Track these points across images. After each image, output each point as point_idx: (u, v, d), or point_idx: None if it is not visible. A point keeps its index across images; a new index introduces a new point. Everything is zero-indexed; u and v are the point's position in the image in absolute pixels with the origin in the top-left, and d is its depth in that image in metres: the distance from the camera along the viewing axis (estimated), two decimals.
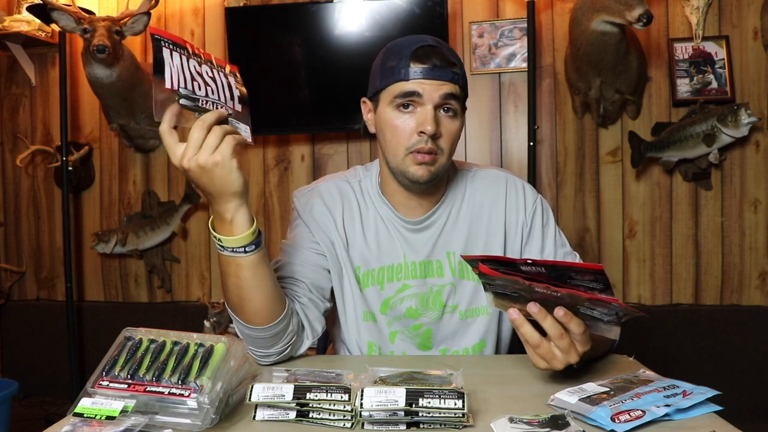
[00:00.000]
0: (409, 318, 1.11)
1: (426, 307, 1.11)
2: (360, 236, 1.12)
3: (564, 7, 2.50)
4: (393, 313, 1.11)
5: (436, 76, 0.99)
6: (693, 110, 2.34)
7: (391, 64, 1.01)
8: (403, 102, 1.01)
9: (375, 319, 1.12)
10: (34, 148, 2.83)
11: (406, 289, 1.11)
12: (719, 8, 2.43)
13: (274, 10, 2.56)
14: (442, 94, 0.99)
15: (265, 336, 0.96)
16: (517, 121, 2.57)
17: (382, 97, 1.04)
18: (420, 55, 1.00)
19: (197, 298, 2.78)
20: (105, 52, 2.23)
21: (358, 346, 1.13)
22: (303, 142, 2.69)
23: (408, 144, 1.01)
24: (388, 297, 1.11)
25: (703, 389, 0.76)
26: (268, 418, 0.75)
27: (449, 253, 1.11)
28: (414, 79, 0.99)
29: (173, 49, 0.78)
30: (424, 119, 0.99)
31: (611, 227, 2.54)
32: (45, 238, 2.93)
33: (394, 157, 1.04)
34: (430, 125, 0.98)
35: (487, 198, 1.14)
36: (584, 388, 0.77)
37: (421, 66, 0.99)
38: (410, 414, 0.70)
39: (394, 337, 1.12)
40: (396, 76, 1.00)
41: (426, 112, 0.99)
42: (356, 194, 1.15)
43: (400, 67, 1.00)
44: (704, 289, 2.50)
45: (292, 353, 1.03)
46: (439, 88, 0.99)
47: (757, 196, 2.45)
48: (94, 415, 0.70)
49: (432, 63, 0.99)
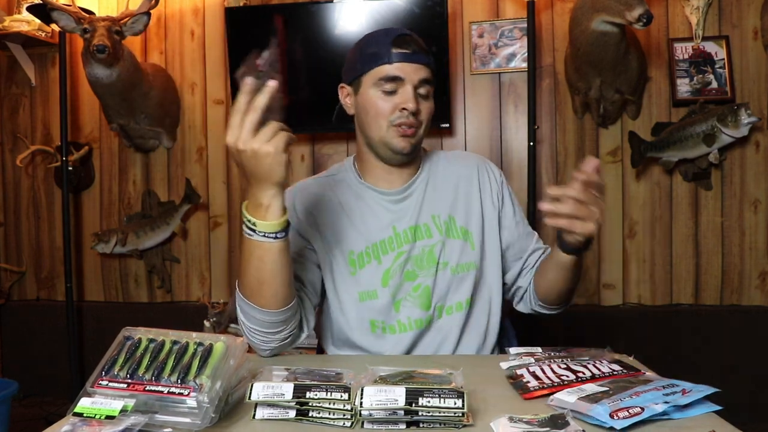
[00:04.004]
0: (408, 281, 1.18)
1: (421, 266, 1.18)
2: (346, 222, 1.19)
3: (564, 7, 2.50)
4: (394, 282, 1.16)
5: (415, 59, 1.12)
6: (693, 110, 2.34)
7: (373, 50, 1.13)
8: (386, 83, 1.12)
9: (376, 296, 1.17)
10: (34, 148, 2.83)
11: (402, 255, 1.17)
12: (719, 8, 2.43)
13: (274, 10, 2.56)
14: (421, 77, 1.12)
15: (276, 320, 1.02)
16: (517, 121, 2.57)
17: (364, 80, 1.15)
18: (400, 42, 1.12)
19: (197, 298, 2.78)
20: (105, 52, 2.23)
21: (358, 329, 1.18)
22: (303, 142, 2.69)
23: (391, 118, 1.12)
24: (387, 268, 1.17)
25: (702, 387, 0.76)
26: (268, 417, 0.75)
27: (434, 216, 1.21)
28: (397, 62, 1.11)
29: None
30: (407, 98, 1.11)
31: (611, 227, 2.54)
32: (45, 238, 2.93)
33: (377, 129, 1.14)
34: (411, 103, 1.10)
35: (463, 169, 1.26)
36: (584, 388, 0.77)
37: (402, 51, 1.11)
38: (410, 413, 0.70)
39: (399, 306, 1.17)
40: (379, 60, 1.12)
41: (407, 92, 1.11)
42: (335, 187, 1.24)
43: (383, 53, 1.12)
44: (704, 289, 2.50)
45: (290, 344, 1.10)
46: (418, 71, 1.12)
47: (757, 196, 2.45)
48: (94, 414, 0.70)
49: (411, 49, 1.12)
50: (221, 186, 2.77)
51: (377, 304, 1.16)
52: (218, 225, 2.78)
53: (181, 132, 2.78)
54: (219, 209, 2.78)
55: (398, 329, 1.17)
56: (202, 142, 2.77)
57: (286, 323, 1.04)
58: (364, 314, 1.17)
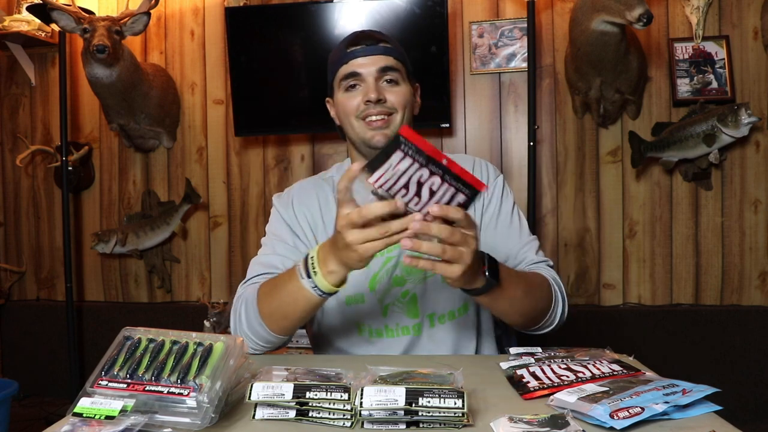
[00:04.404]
0: (396, 286, 1.16)
1: (409, 272, 1.16)
2: None
3: (564, 7, 2.50)
4: (381, 287, 1.16)
5: (368, 52, 1.13)
6: (693, 110, 2.34)
7: (334, 57, 1.17)
8: (348, 83, 1.14)
9: (363, 300, 1.16)
10: (34, 148, 2.83)
11: (390, 261, 1.16)
12: (719, 8, 2.43)
13: (274, 10, 2.56)
14: (378, 67, 1.13)
15: (276, 341, 1.08)
16: (517, 121, 2.57)
17: (334, 88, 1.18)
18: (354, 41, 1.15)
19: (197, 298, 2.78)
20: (105, 52, 2.23)
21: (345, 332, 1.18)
22: (303, 142, 2.69)
23: (357, 112, 1.14)
24: (375, 272, 1.16)
25: (702, 387, 0.76)
26: (268, 417, 0.75)
27: None
28: (350, 60, 1.13)
29: (408, 155, 0.76)
30: (367, 89, 1.12)
31: (611, 227, 2.54)
32: (45, 238, 2.93)
33: (351, 128, 1.16)
34: (372, 93, 1.11)
35: None
36: (584, 388, 0.77)
37: (355, 48, 1.14)
38: (410, 413, 0.70)
39: (387, 311, 1.16)
40: (338, 63, 1.15)
41: (367, 85, 1.12)
42: (331, 188, 1.23)
43: (341, 56, 1.15)
44: (704, 289, 2.50)
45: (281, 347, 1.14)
46: (376, 61, 1.13)
47: (757, 196, 2.45)
48: (94, 414, 0.70)
49: (363, 43, 1.14)
50: (221, 186, 2.77)
51: (364, 308, 1.16)
52: (218, 225, 2.78)
53: (181, 132, 2.78)
54: (219, 209, 2.78)
55: (386, 334, 1.16)
56: (202, 142, 2.77)
57: (284, 343, 1.10)
58: (351, 318, 1.17)
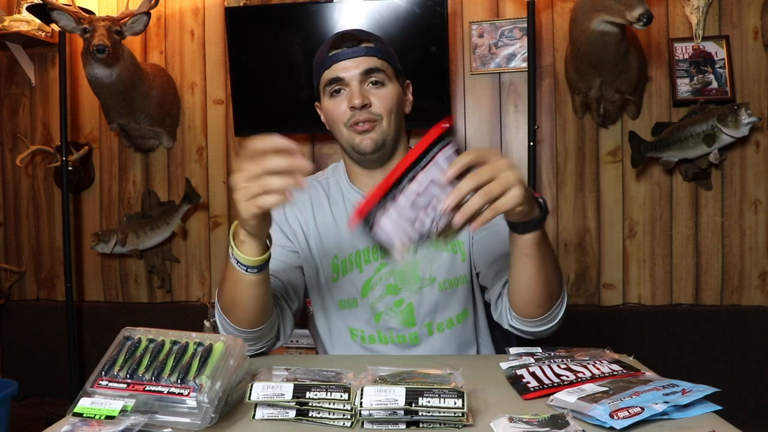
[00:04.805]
0: (390, 295, 1.14)
1: (404, 281, 1.14)
2: (332, 227, 1.17)
3: (564, 7, 2.49)
4: (374, 293, 1.14)
5: (350, 55, 1.09)
6: (693, 110, 2.34)
7: (317, 61, 1.14)
8: (332, 88, 1.11)
9: (356, 304, 1.15)
10: (34, 148, 2.83)
11: (384, 267, 1.14)
12: (719, 8, 2.43)
13: (274, 10, 2.56)
14: (362, 70, 1.09)
15: (248, 337, 1.01)
16: (517, 121, 2.57)
17: (320, 92, 1.15)
18: (336, 44, 1.11)
19: (197, 298, 2.78)
20: (105, 52, 2.23)
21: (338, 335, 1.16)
22: (303, 142, 2.69)
23: (344, 119, 1.10)
24: (368, 278, 1.14)
25: (702, 387, 0.76)
26: (268, 417, 0.75)
27: None
28: (333, 64, 1.10)
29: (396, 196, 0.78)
30: (351, 95, 1.08)
31: (611, 227, 2.54)
32: (45, 238, 2.92)
33: (340, 135, 1.13)
34: (357, 99, 1.07)
35: None
36: (584, 388, 0.77)
37: (338, 51, 1.10)
38: (410, 413, 0.70)
39: (380, 318, 1.14)
40: (322, 68, 1.12)
41: (351, 90, 1.09)
42: (325, 190, 1.21)
43: (324, 60, 1.11)
44: (704, 289, 2.50)
45: (266, 351, 1.09)
46: (359, 64, 1.09)
47: (757, 196, 2.45)
48: (94, 414, 0.70)
49: (345, 46, 1.10)
50: (221, 186, 2.77)
51: (356, 312, 1.15)
52: (218, 225, 2.78)
53: (181, 132, 2.78)
54: (219, 209, 2.78)
55: (378, 340, 1.14)
56: (202, 142, 2.77)
57: (259, 339, 1.03)
58: (344, 321, 1.16)
